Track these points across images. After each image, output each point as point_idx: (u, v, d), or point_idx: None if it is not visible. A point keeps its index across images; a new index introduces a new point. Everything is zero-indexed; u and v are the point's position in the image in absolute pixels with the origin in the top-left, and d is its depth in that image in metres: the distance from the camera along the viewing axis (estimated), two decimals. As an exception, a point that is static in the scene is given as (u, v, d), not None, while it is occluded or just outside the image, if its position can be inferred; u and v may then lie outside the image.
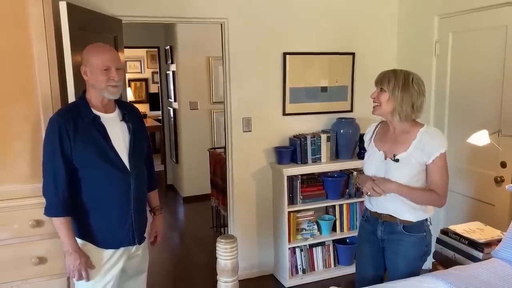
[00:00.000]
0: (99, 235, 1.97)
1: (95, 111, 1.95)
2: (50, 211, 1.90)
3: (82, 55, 1.94)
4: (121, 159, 1.96)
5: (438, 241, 2.67)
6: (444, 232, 2.64)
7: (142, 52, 8.93)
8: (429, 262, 3.38)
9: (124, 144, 2.00)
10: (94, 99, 1.96)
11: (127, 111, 2.09)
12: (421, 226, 2.18)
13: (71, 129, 1.85)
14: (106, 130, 1.94)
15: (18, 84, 2.14)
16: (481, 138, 2.46)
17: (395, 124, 2.15)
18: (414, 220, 2.14)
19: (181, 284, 3.61)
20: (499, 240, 2.41)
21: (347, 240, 3.66)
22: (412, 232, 2.16)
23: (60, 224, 1.90)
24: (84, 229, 1.95)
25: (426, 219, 2.20)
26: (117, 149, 1.95)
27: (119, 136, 1.99)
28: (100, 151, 1.91)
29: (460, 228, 2.62)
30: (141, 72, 9.23)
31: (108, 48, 1.97)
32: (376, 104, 2.16)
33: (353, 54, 3.65)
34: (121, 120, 2.03)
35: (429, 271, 3.47)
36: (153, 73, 9.12)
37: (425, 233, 2.19)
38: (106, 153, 1.92)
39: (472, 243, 2.44)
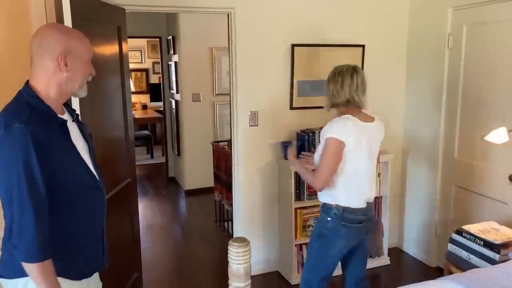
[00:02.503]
0: (75, 265, 1.59)
1: (59, 115, 1.53)
2: (34, 255, 1.38)
3: (59, 39, 1.47)
4: (93, 173, 1.61)
5: (452, 241, 2.61)
6: (458, 232, 2.57)
7: (142, 42, 8.79)
8: (439, 262, 3.32)
9: (86, 153, 1.63)
10: (56, 98, 1.52)
11: (70, 109, 1.68)
12: (329, 210, 2.29)
13: (46, 141, 1.40)
14: (71, 139, 1.55)
15: (19, 78, 2.03)
16: (499, 135, 2.37)
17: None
18: (319, 199, 2.38)
19: (184, 279, 3.54)
20: (516, 241, 2.34)
21: (354, 237, 3.59)
22: (322, 211, 2.36)
23: (44, 268, 1.41)
24: (60, 263, 1.49)
25: (337, 208, 2.26)
26: (85, 160, 1.59)
27: (80, 144, 1.61)
28: (77, 166, 1.54)
29: (474, 228, 2.55)
30: (141, 62, 9.10)
31: (83, 34, 1.59)
32: None
33: (363, 46, 3.54)
34: (72, 121, 1.63)
35: (439, 270, 3.42)
36: (153, 63, 8.99)
37: (329, 218, 2.28)
38: (82, 168, 1.57)
39: (488, 244, 2.37)
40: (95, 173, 1.63)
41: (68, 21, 2.12)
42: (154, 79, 9.01)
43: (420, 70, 3.60)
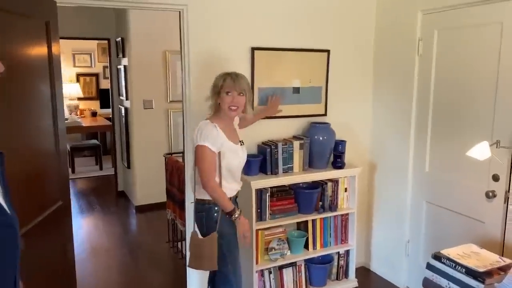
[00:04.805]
0: None
1: None
2: None
3: None
4: (1, 204, 1.19)
5: (429, 267, 2.34)
6: (437, 257, 2.31)
7: (92, 45, 8.23)
8: (410, 282, 3.07)
9: None
10: None
11: None
12: None
13: None
14: None
15: None
16: (482, 151, 2.13)
17: (233, 119, 2.52)
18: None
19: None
20: (500, 268, 2.11)
21: (320, 258, 3.29)
22: None
23: None
24: None
25: None
26: None
27: None
28: None
29: (453, 252, 2.29)
30: (91, 66, 8.51)
31: None
32: (236, 107, 2.36)
33: (328, 51, 3.27)
34: None
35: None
36: (104, 67, 8.45)
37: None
38: None
39: (470, 272, 2.11)
40: (4, 204, 1.21)
41: (-30, 9, 1.69)
42: (105, 84, 8.44)
43: (388, 78, 3.37)
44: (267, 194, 2.96)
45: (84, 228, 4.77)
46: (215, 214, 2.38)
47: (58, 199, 2.43)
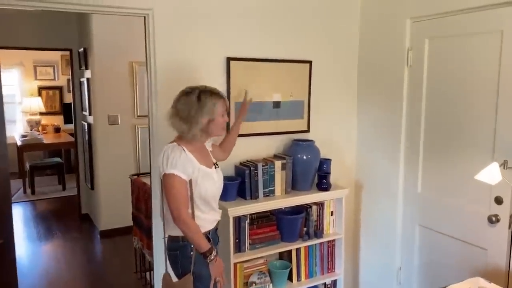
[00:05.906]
0: None
1: None
2: None
3: None
4: None
5: (433, 305, 2.07)
6: (442, 294, 2.03)
7: (55, 56, 7.77)
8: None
9: None
10: None
11: None
12: None
13: None
14: None
15: None
16: (492, 174, 1.87)
17: (203, 141, 2.17)
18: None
19: None
20: (516, 308, 1.85)
21: (305, 290, 2.97)
22: None
23: None
24: None
25: None
26: None
27: None
28: None
29: (460, 289, 2.03)
30: (54, 79, 8.03)
31: None
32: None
33: (310, 62, 3.00)
34: None
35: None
36: (68, 80, 7.95)
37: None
38: None
39: (483, 313, 1.85)
40: None
41: None
42: (69, 98, 7.91)
43: (374, 90, 3.13)
44: (246, 222, 2.63)
45: (41, 258, 4.30)
46: (191, 253, 2.04)
47: (-3, 237, 2.03)
